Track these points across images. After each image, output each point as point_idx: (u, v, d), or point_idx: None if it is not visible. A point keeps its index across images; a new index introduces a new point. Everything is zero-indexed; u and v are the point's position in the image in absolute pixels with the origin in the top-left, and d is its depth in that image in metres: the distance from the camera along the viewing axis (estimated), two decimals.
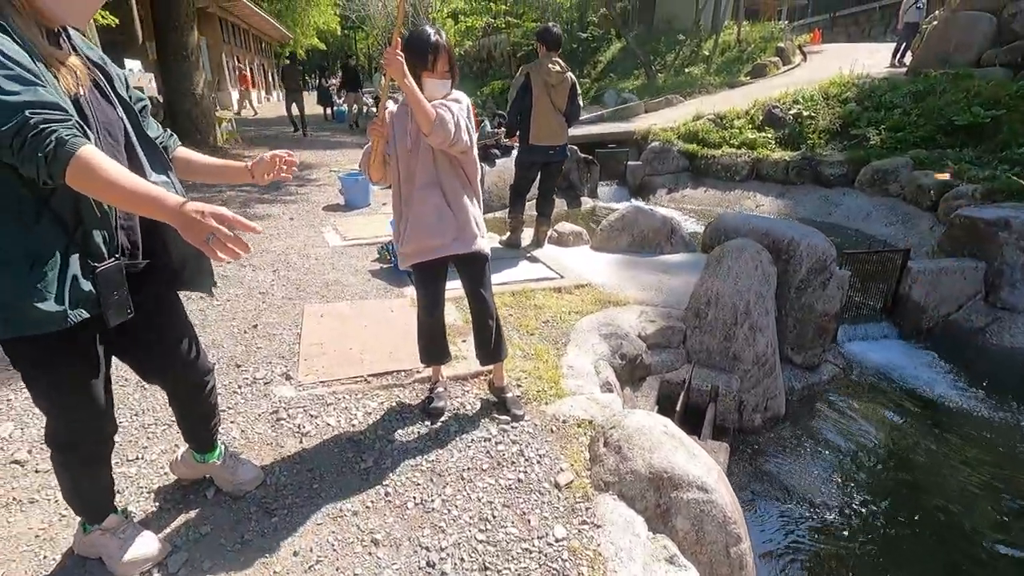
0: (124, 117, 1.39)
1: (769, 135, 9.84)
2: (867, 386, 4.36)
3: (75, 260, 1.28)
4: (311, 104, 16.95)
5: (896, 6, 14.49)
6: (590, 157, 9.98)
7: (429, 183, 2.17)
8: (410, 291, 3.89)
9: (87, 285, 1.30)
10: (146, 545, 1.72)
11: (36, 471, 2.09)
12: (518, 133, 4.72)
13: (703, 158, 9.92)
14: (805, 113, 9.99)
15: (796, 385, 4.14)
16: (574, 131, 10.95)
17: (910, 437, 3.80)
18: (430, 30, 2.07)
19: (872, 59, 12.49)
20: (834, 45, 17.80)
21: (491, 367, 2.58)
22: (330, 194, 7.03)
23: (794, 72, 14.12)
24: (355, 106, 15.40)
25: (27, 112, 1.08)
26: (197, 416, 1.86)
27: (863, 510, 3.12)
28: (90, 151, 1.14)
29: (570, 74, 4.60)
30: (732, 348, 3.59)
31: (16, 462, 2.13)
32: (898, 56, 12.22)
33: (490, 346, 2.46)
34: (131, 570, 1.66)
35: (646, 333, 3.53)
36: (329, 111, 18.23)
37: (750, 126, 10.20)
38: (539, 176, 4.84)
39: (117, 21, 9.42)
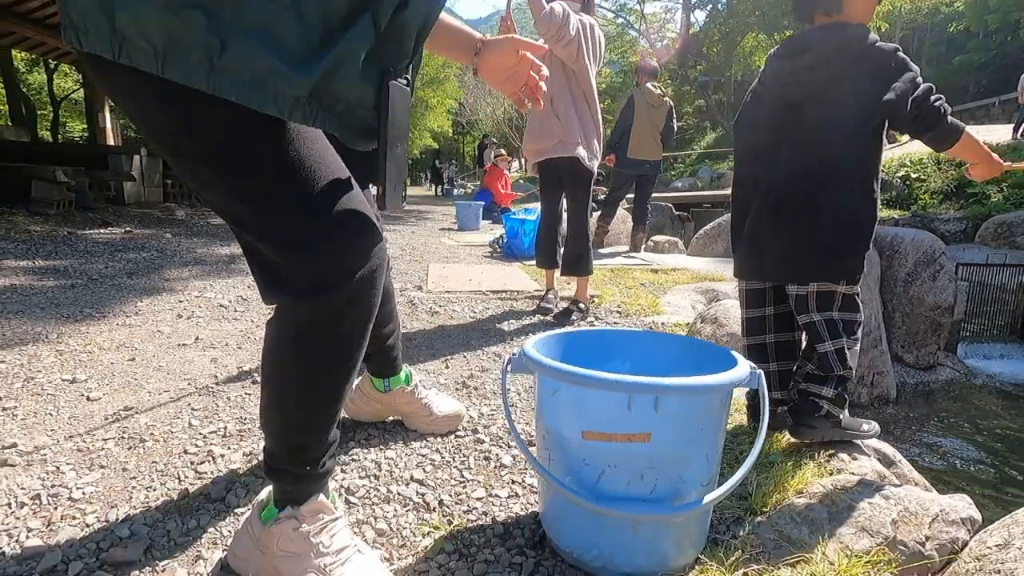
0: None
1: None
2: (995, 390, 4.06)
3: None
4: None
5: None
6: (685, 214, 10.31)
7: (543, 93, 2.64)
8: (517, 264, 4.35)
9: None
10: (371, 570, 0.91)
11: (235, 310, 2.67)
12: (615, 153, 5.26)
13: None
14: (914, 175, 9.82)
15: (909, 381, 3.96)
16: (670, 193, 11.35)
17: None
18: None
19: (989, 136, 12.10)
20: None
21: (573, 282, 2.83)
22: (443, 223, 7.90)
23: (903, 147, 13.87)
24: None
25: None
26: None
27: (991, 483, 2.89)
28: None
29: (669, 100, 5.16)
30: None
31: (222, 306, 2.73)
32: (1020, 131, 11.78)
33: (572, 258, 2.72)
34: None
35: None
36: (440, 189, 20.38)
37: None
38: (635, 186, 5.28)
39: None
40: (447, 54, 1.04)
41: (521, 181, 17.10)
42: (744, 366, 0.94)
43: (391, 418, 1.50)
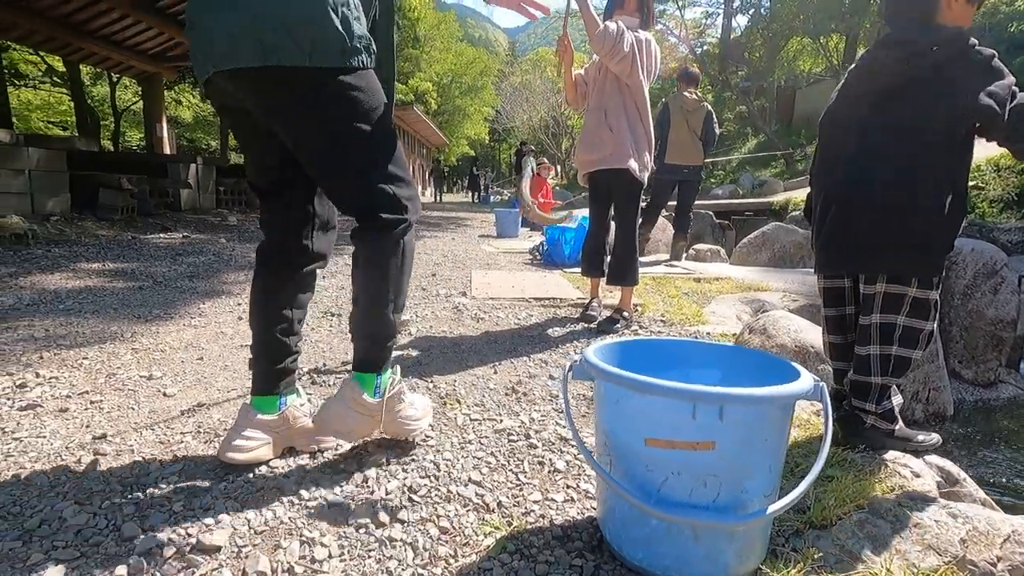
0: None
1: None
2: None
3: None
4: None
5: None
6: (726, 222, 10.13)
7: (597, 106, 2.68)
8: (558, 271, 4.37)
9: None
10: (422, 399, 1.45)
11: None
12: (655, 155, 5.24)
13: None
14: (971, 183, 9.40)
15: (967, 398, 3.79)
16: (711, 200, 11.17)
17: None
18: None
19: None
20: None
21: (617, 290, 2.85)
22: (482, 230, 8.00)
23: None
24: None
25: None
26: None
27: None
28: None
29: (706, 104, 5.12)
30: None
31: None
32: None
33: (619, 268, 2.74)
34: (423, 424, 1.40)
35: (790, 308, 3.60)
36: (477, 195, 20.60)
37: None
38: (676, 192, 5.24)
39: None
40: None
41: (557, 188, 17.10)
42: (807, 378, 0.94)
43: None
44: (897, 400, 1.50)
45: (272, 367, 1.30)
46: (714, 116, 5.11)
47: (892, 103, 1.40)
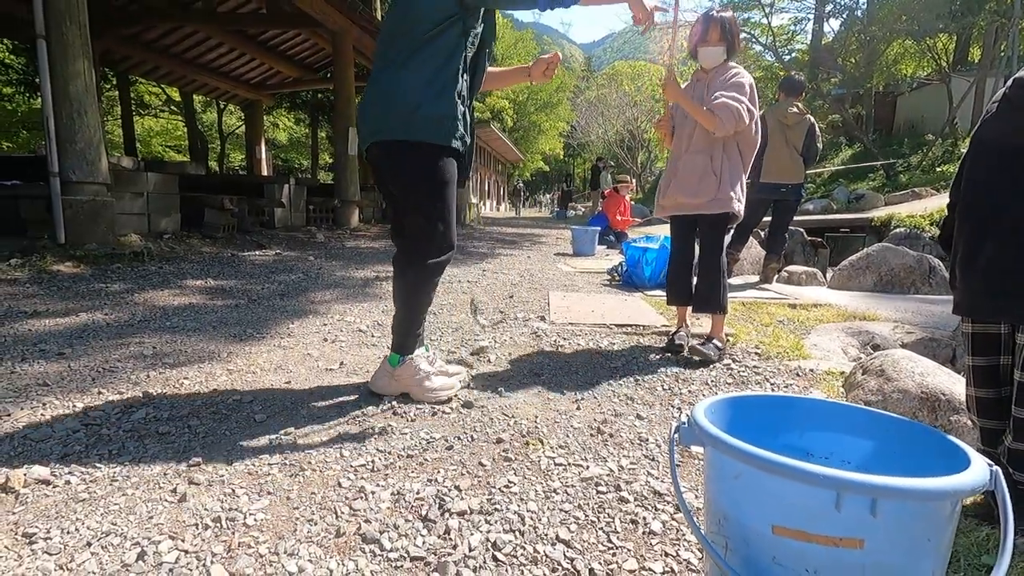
0: None
1: None
2: None
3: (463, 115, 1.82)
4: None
5: None
6: (819, 240, 9.43)
7: (699, 149, 2.52)
8: (639, 295, 4.20)
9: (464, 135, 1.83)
10: (451, 377, 2.03)
11: (373, 335, 2.83)
12: (749, 178, 4.94)
13: None
14: None
15: None
16: (801, 216, 10.50)
17: None
18: (715, 11, 2.51)
19: None
20: None
21: (707, 319, 2.68)
22: (558, 248, 7.92)
23: None
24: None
25: None
26: None
27: None
28: None
29: (810, 116, 4.76)
30: None
31: (361, 331, 2.91)
32: None
33: (705, 294, 2.60)
34: (441, 395, 1.91)
35: (904, 342, 3.22)
36: (554, 210, 20.71)
37: None
38: (772, 212, 4.91)
39: None
40: (516, 82, 2.21)
41: (634, 203, 16.70)
42: (980, 464, 0.78)
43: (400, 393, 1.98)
44: None
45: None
46: (817, 129, 4.75)
47: None
